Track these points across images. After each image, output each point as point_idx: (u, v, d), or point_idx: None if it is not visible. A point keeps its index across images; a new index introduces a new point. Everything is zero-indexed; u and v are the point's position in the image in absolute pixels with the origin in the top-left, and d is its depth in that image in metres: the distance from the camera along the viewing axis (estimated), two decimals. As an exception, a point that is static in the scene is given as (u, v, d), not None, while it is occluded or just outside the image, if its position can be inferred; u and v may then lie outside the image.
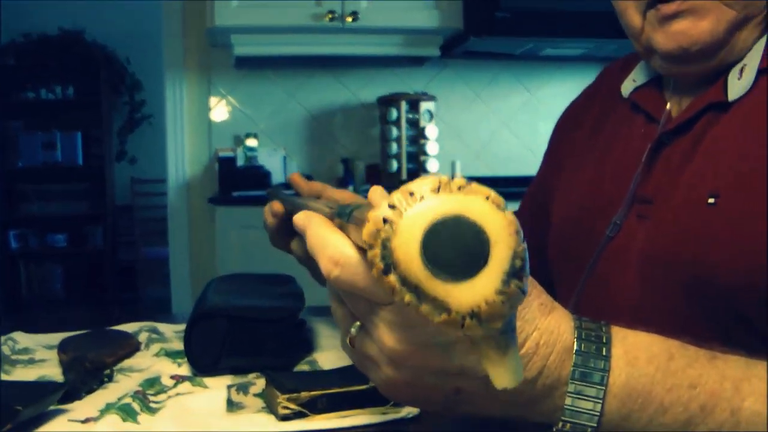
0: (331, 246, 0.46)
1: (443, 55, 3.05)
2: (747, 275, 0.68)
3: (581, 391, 0.52)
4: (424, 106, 3.08)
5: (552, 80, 3.45)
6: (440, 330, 0.37)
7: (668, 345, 0.54)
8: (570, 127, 1.06)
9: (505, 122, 3.42)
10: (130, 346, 0.94)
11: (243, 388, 0.78)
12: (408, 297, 0.33)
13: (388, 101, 3.06)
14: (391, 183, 3.02)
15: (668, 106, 0.83)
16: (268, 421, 0.70)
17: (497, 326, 0.34)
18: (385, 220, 0.33)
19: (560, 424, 0.52)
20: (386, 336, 0.48)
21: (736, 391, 0.51)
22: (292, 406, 0.70)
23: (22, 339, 1.00)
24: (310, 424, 0.69)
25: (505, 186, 2.84)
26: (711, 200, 0.72)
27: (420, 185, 0.34)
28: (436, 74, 3.31)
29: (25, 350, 0.96)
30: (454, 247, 0.32)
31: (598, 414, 0.51)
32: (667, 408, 0.52)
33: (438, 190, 0.33)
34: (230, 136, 3.14)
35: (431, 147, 3.06)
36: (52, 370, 0.87)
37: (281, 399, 0.69)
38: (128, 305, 5.86)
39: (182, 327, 1.07)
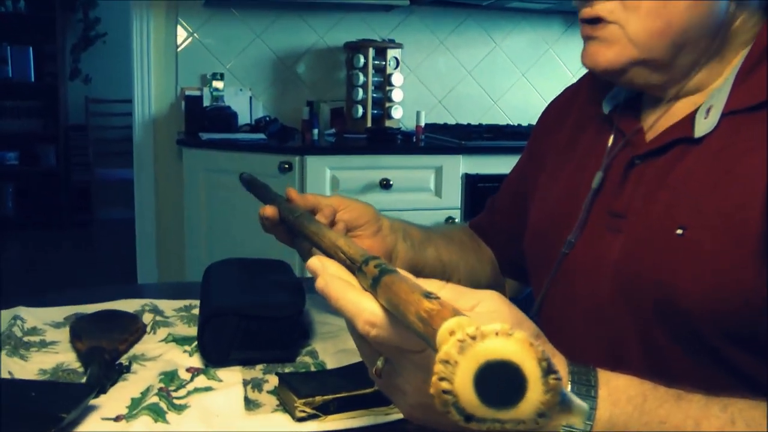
0: (366, 311, 0.56)
1: (411, 2, 3.06)
2: (706, 304, 0.77)
3: (573, 425, 0.60)
4: (391, 53, 3.10)
5: (516, 31, 3.48)
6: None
7: (643, 388, 0.62)
8: (552, 126, 1.12)
9: (468, 71, 3.46)
10: (138, 331, 0.99)
11: (257, 386, 0.85)
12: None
13: (356, 47, 3.07)
14: (356, 128, 3.06)
15: (644, 125, 0.91)
16: (286, 421, 0.78)
17: (557, 405, 0.41)
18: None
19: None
20: (414, 376, 0.56)
21: (697, 426, 0.60)
22: (308, 409, 0.77)
23: (28, 316, 1.04)
24: (324, 425, 0.77)
25: (465, 134, 2.91)
26: (679, 231, 0.80)
27: (472, 331, 0.40)
28: (402, 20, 3.32)
29: (34, 330, 1.01)
30: (499, 383, 0.39)
31: None
32: None
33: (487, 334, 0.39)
34: (197, 75, 3.12)
35: (396, 94, 3.10)
36: (68, 357, 0.92)
37: (298, 403, 0.77)
38: (82, 227, 5.83)
39: (181, 303, 1.13)
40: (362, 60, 3.02)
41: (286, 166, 2.57)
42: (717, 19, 0.83)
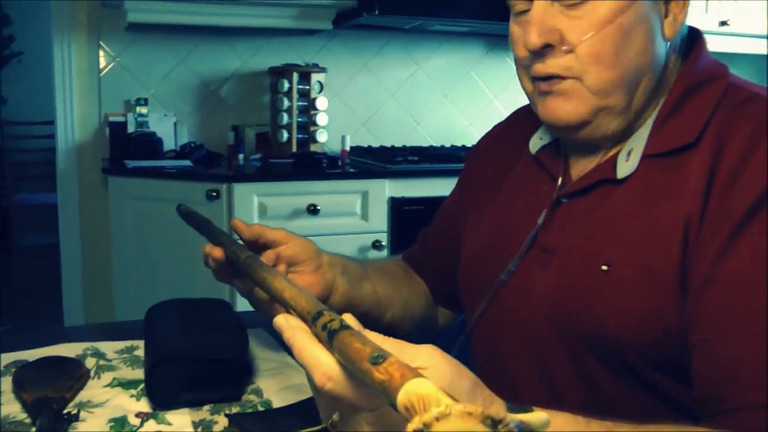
0: (324, 364, 0.60)
1: (334, 26, 3.11)
2: (631, 335, 0.84)
3: None
4: (315, 77, 3.14)
5: (438, 52, 3.57)
6: None
7: (577, 426, 0.66)
8: (482, 162, 1.18)
9: (392, 93, 3.52)
10: (83, 377, 1.00)
11: (207, 428, 0.87)
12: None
13: (280, 72, 3.09)
14: (280, 152, 3.07)
15: (569, 167, 0.97)
16: (238, 464, 0.81)
17: None
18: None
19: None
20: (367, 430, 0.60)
21: None
22: (260, 451, 0.80)
23: (-33, 363, 1.04)
24: (276, 465, 0.80)
25: (390, 157, 2.96)
26: (605, 267, 0.86)
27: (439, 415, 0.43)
28: (325, 44, 3.36)
29: (-25, 378, 1.00)
30: None
31: None
32: None
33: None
34: (120, 101, 3.09)
35: (321, 118, 3.13)
36: (13, 408, 0.92)
37: (251, 446, 0.80)
38: (1, 253, 5.63)
39: (122, 345, 1.14)
40: (286, 84, 3.05)
41: (214, 193, 2.57)
42: (660, 62, 0.89)
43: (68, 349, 1.10)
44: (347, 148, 3.07)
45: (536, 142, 1.03)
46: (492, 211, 1.08)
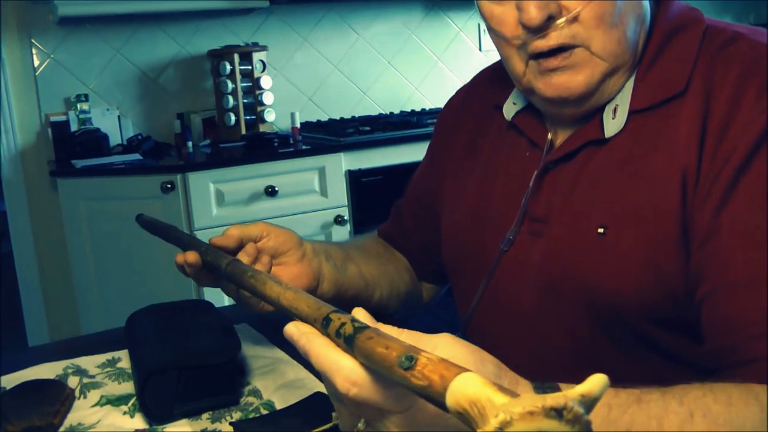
0: (346, 368, 0.56)
1: (271, 3, 3.03)
2: (633, 297, 0.82)
3: None
4: (257, 56, 3.06)
5: (377, 20, 3.51)
6: None
7: (606, 398, 0.64)
8: (451, 131, 1.14)
9: (335, 64, 3.46)
10: (68, 398, 0.95)
11: (211, 440, 0.83)
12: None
13: (220, 54, 3.01)
14: (229, 136, 3.00)
15: (550, 135, 0.94)
16: (249, 473, 0.77)
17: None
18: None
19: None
20: None
21: (660, 425, 0.64)
22: (272, 457, 0.77)
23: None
24: (290, 470, 0.77)
25: (341, 129, 2.92)
26: (600, 230, 0.84)
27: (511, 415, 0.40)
28: (262, 22, 3.27)
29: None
30: None
31: None
32: None
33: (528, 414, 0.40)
34: (59, 99, 2.96)
35: (267, 97, 3.06)
36: (-1, 439, 0.87)
37: (262, 453, 0.76)
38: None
39: (103, 358, 1.09)
40: (228, 67, 2.97)
41: (169, 185, 2.49)
42: (647, 11, 0.87)
43: (47, 370, 1.04)
44: (297, 125, 3.01)
45: (510, 107, 1.00)
46: (470, 181, 1.05)
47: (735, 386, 0.69)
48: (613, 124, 0.86)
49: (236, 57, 2.99)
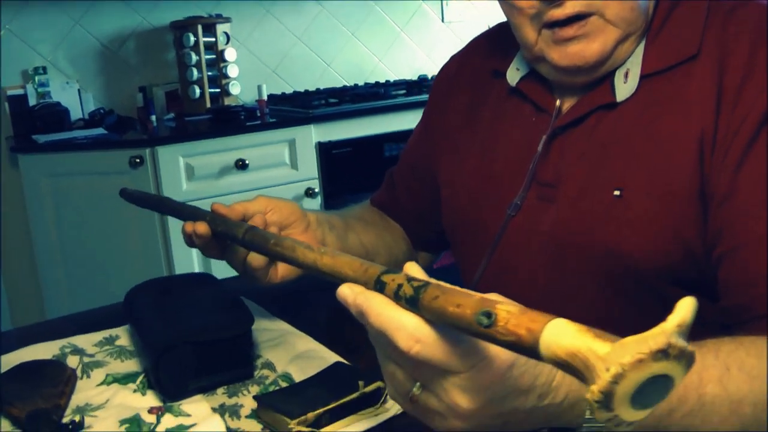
0: (410, 326, 0.54)
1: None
2: (651, 258, 0.82)
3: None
4: (221, 28, 2.98)
5: (341, -10, 3.45)
6: None
7: None
8: (445, 98, 1.13)
9: (298, 36, 3.39)
10: (71, 379, 0.90)
11: (234, 414, 0.80)
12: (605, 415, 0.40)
13: (183, 26, 2.92)
14: (193, 109, 2.93)
15: (557, 100, 0.93)
16: (278, 446, 0.75)
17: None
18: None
19: (582, 428, 0.63)
20: (458, 397, 0.55)
21: (700, 380, 0.64)
22: (303, 428, 0.74)
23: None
24: (320, 440, 0.75)
25: (308, 102, 2.87)
26: (616, 193, 0.84)
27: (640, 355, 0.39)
28: (225, -8, 3.19)
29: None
30: (654, 392, 0.39)
31: None
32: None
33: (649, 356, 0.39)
34: (16, 72, 2.84)
35: (232, 70, 2.99)
36: (3, 426, 0.83)
37: (292, 424, 0.74)
38: None
39: (99, 336, 1.05)
40: (192, 38, 2.89)
41: (137, 160, 2.42)
42: None
43: (43, 350, 0.99)
44: (264, 98, 2.95)
45: (514, 73, 0.99)
46: (471, 148, 1.04)
47: (761, 339, 0.69)
48: (624, 88, 0.86)
49: (200, 28, 2.91)
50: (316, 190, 2.72)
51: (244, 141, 2.60)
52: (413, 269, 0.57)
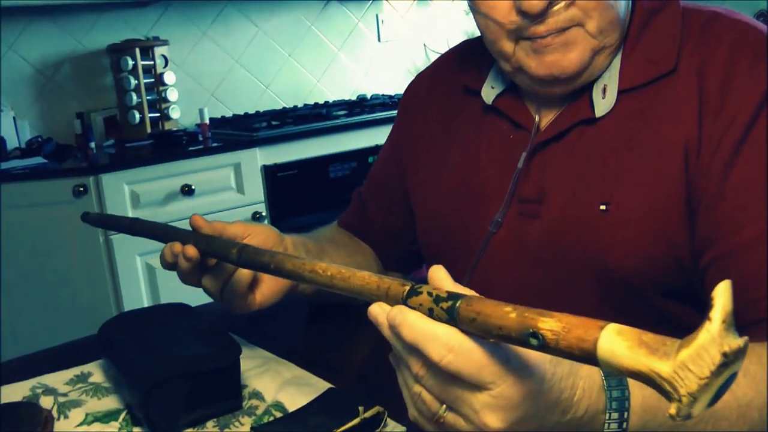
0: (444, 335, 0.53)
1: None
2: (641, 269, 0.84)
3: (612, 415, 0.63)
4: (158, 51, 2.93)
5: (276, 12, 3.43)
6: None
7: None
8: (416, 115, 1.13)
9: (236, 59, 3.36)
10: (47, 420, 0.86)
11: (230, 449, 0.78)
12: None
13: (121, 49, 2.86)
14: (133, 135, 2.87)
15: (536, 117, 0.94)
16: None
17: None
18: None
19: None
20: (488, 416, 0.55)
21: None
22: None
23: None
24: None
25: (248, 125, 2.84)
26: (603, 207, 0.85)
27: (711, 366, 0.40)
28: (161, 15, 3.14)
29: None
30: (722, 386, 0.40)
31: (626, 429, 0.63)
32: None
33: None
34: (-56, 103, 2.74)
35: (172, 94, 2.94)
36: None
37: (298, 456, 0.72)
38: None
39: (70, 374, 1.00)
40: (130, 62, 2.83)
41: (81, 189, 2.35)
42: None
43: (12, 392, 0.94)
44: (207, 121, 2.91)
45: (489, 91, 0.99)
46: (447, 166, 1.04)
47: (760, 345, 0.71)
48: (603, 103, 0.87)
49: (138, 52, 2.85)
50: (264, 214, 2.69)
51: (189, 166, 2.56)
52: (439, 274, 0.57)
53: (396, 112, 1.19)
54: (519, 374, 0.54)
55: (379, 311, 0.57)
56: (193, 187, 2.52)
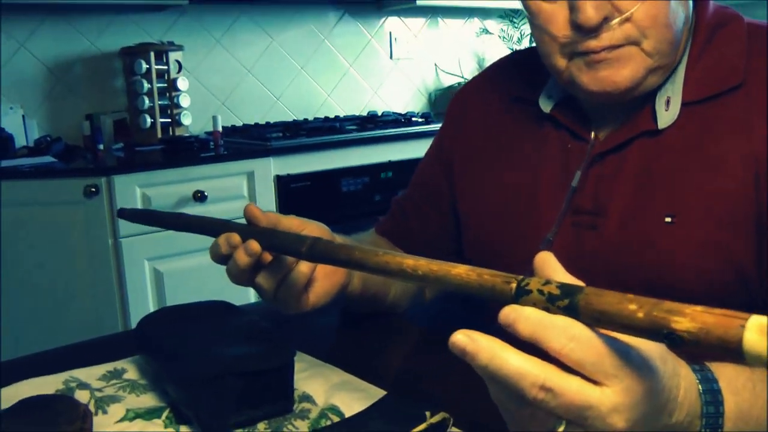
0: (564, 324, 0.49)
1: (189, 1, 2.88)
2: (704, 284, 0.82)
3: (708, 421, 0.59)
4: (173, 56, 2.89)
5: (291, 24, 3.41)
6: None
7: (747, 374, 0.63)
8: (463, 123, 1.12)
9: (248, 68, 3.33)
10: (86, 415, 0.81)
11: (288, 452, 0.73)
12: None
13: (134, 52, 2.82)
14: (143, 139, 2.82)
15: (594, 132, 0.93)
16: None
17: None
18: None
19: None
20: (613, 417, 0.50)
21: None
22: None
23: None
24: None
25: (261, 134, 2.80)
26: (668, 219, 0.83)
27: None
28: (175, 21, 3.10)
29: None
30: None
31: None
32: (759, 420, 0.62)
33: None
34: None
35: (184, 100, 2.90)
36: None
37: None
38: None
39: (102, 370, 0.95)
40: (144, 65, 2.79)
41: (93, 189, 2.30)
42: (689, 10, 0.87)
43: (44, 385, 0.89)
44: (219, 129, 2.86)
45: (546, 101, 0.98)
46: (498, 176, 1.03)
47: None
48: (666, 115, 0.86)
49: (152, 55, 2.81)
50: (274, 224, 2.64)
51: (202, 172, 2.51)
52: (553, 268, 0.54)
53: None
54: (639, 370, 0.50)
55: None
56: (205, 193, 2.47)
